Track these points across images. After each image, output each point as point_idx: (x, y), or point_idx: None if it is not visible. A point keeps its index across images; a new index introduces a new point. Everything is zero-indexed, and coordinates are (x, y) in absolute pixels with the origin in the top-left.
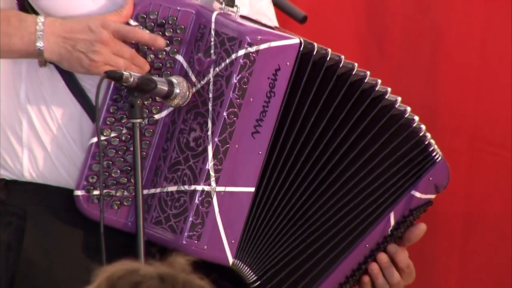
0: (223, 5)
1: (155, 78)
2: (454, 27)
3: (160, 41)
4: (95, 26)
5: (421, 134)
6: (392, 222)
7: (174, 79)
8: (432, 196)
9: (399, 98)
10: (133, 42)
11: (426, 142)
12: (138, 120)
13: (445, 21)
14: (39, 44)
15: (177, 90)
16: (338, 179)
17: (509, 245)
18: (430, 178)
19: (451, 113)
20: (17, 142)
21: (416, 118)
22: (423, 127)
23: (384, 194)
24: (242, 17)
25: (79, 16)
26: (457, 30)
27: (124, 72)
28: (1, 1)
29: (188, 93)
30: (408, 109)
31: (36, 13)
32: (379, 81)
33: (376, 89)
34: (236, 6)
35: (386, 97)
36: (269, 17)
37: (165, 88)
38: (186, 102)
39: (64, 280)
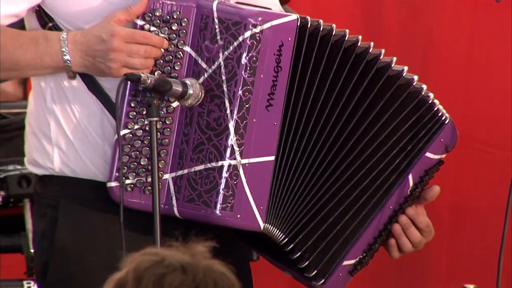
0: None
1: (170, 79)
2: (443, 32)
3: (165, 43)
4: (106, 36)
5: (430, 102)
6: (411, 183)
7: (187, 81)
8: (443, 156)
9: (406, 68)
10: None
11: (435, 108)
12: (155, 119)
13: (435, 27)
14: (67, 61)
15: (190, 91)
16: (355, 145)
17: (493, 235)
18: (441, 140)
19: None
20: (47, 142)
21: (424, 86)
22: (431, 94)
23: (401, 157)
24: (239, 3)
25: (92, 16)
26: (446, 35)
27: (142, 75)
28: (25, 20)
29: (200, 93)
30: (415, 77)
31: (51, 20)
32: (372, 43)
33: (370, 51)
34: None
35: (391, 67)
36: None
37: (179, 89)
38: (199, 102)
39: (94, 266)
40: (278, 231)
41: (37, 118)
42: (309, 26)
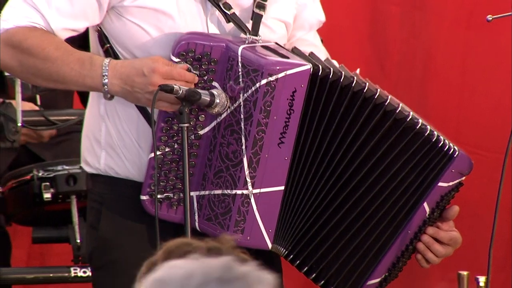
0: (248, 35)
1: (199, 90)
2: (441, 48)
3: (196, 79)
4: (147, 71)
5: (433, 140)
6: (427, 210)
7: (215, 91)
8: (463, 179)
9: (411, 112)
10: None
11: (440, 145)
12: (186, 125)
13: (434, 44)
14: (105, 85)
15: (217, 100)
16: (365, 178)
17: (484, 227)
18: (453, 170)
19: (439, 119)
20: (97, 145)
21: (428, 127)
22: (435, 133)
23: (412, 190)
24: (264, 47)
25: (141, 48)
26: (443, 51)
27: (175, 86)
28: (89, 32)
29: (226, 102)
30: (420, 120)
31: (108, 42)
32: (379, 90)
33: (376, 97)
34: (259, 35)
35: (398, 111)
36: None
37: (208, 98)
38: (224, 110)
39: (132, 254)
40: (285, 251)
41: (91, 123)
42: (320, 72)
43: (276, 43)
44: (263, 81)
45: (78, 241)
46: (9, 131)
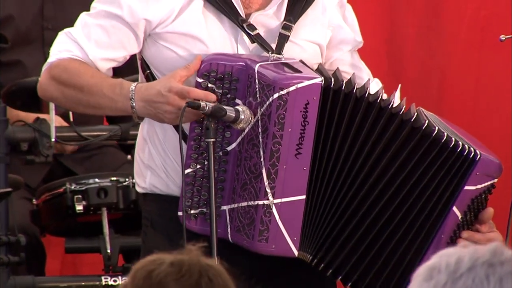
0: (271, 53)
1: (225, 106)
2: (455, 68)
3: (211, 96)
4: (164, 91)
5: (451, 145)
6: (459, 214)
7: (239, 107)
8: (488, 183)
9: (427, 121)
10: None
11: (459, 149)
12: (212, 139)
13: (448, 64)
14: (133, 108)
15: (242, 116)
16: (388, 186)
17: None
18: (477, 173)
19: None
20: (143, 166)
21: (445, 134)
22: (453, 139)
23: (438, 195)
24: (283, 64)
25: (173, 69)
26: (457, 70)
27: (201, 103)
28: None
29: (250, 118)
30: (437, 128)
31: (148, 68)
32: (393, 98)
33: (392, 106)
34: (282, 54)
35: (413, 119)
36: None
37: (233, 114)
38: (249, 126)
39: None
40: (311, 257)
41: (139, 146)
42: (332, 84)
43: (301, 61)
44: (275, 95)
45: (109, 251)
46: (43, 146)
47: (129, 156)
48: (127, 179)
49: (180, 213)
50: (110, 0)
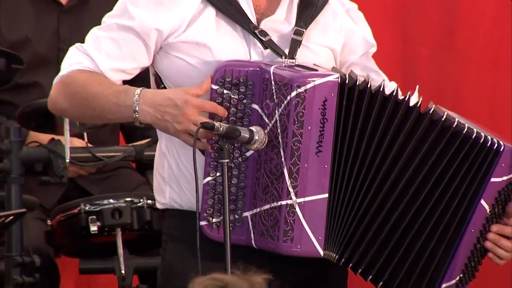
0: (284, 58)
1: (239, 127)
2: (468, 89)
3: (222, 110)
4: (180, 102)
5: (473, 137)
6: (487, 207)
7: (253, 128)
8: None
9: (446, 112)
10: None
11: (481, 141)
12: (226, 161)
13: (462, 84)
14: (136, 112)
15: (256, 137)
16: (411, 181)
17: None
18: (502, 164)
19: None
20: (162, 181)
21: (466, 125)
22: (475, 130)
23: (464, 189)
24: (298, 65)
25: (188, 81)
26: (470, 91)
27: (216, 123)
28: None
29: (265, 139)
30: (457, 119)
31: (162, 82)
32: (409, 93)
33: (408, 100)
34: (295, 58)
35: (431, 112)
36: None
37: (247, 135)
38: (263, 146)
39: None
40: (337, 256)
41: (157, 161)
42: (347, 81)
43: (314, 64)
44: (293, 93)
45: (123, 272)
46: (58, 167)
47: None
48: (141, 200)
49: (202, 223)
50: (121, 13)
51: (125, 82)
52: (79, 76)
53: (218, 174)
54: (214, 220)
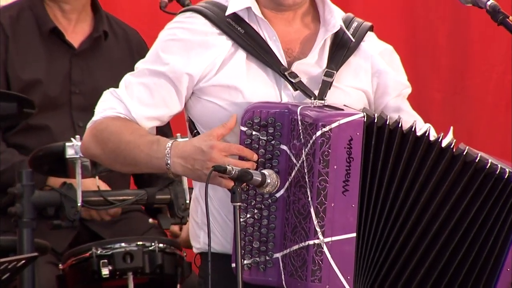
0: (313, 99)
1: (251, 170)
2: (482, 132)
3: (249, 152)
4: (206, 148)
5: (506, 177)
6: None
7: (266, 172)
8: None
9: (479, 154)
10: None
11: (506, 176)
12: (238, 204)
13: (475, 128)
14: (168, 165)
15: (268, 180)
16: (445, 224)
17: None
18: None
19: None
20: (196, 226)
21: (499, 166)
22: (499, 166)
23: (498, 229)
24: (327, 106)
25: (219, 122)
26: (484, 135)
27: (228, 167)
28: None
29: (277, 182)
30: (479, 154)
31: (195, 128)
32: (442, 134)
33: (440, 141)
34: (325, 99)
35: (465, 153)
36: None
37: (259, 178)
38: (275, 190)
39: None
40: None
41: (192, 207)
42: (376, 120)
43: (344, 105)
44: (318, 133)
45: None
46: (69, 211)
47: (150, 220)
48: (153, 244)
49: (233, 265)
50: (153, 59)
51: None
52: (112, 123)
53: (248, 215)
54: (245, 261)
